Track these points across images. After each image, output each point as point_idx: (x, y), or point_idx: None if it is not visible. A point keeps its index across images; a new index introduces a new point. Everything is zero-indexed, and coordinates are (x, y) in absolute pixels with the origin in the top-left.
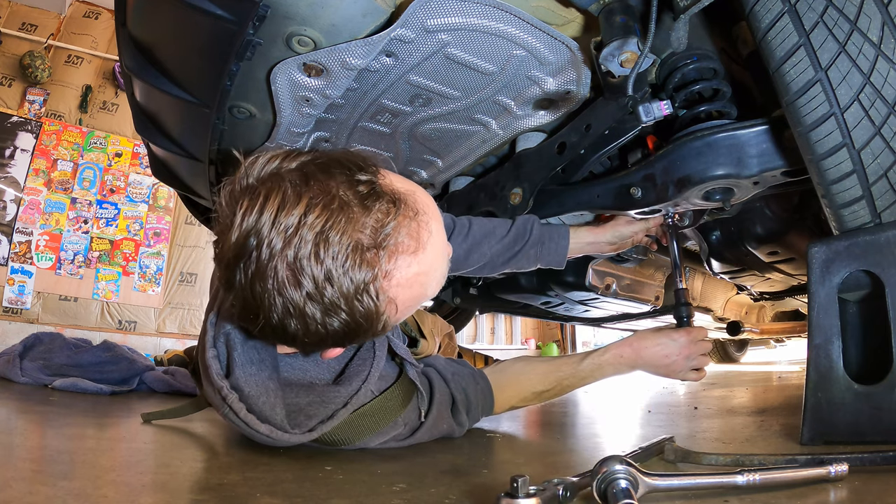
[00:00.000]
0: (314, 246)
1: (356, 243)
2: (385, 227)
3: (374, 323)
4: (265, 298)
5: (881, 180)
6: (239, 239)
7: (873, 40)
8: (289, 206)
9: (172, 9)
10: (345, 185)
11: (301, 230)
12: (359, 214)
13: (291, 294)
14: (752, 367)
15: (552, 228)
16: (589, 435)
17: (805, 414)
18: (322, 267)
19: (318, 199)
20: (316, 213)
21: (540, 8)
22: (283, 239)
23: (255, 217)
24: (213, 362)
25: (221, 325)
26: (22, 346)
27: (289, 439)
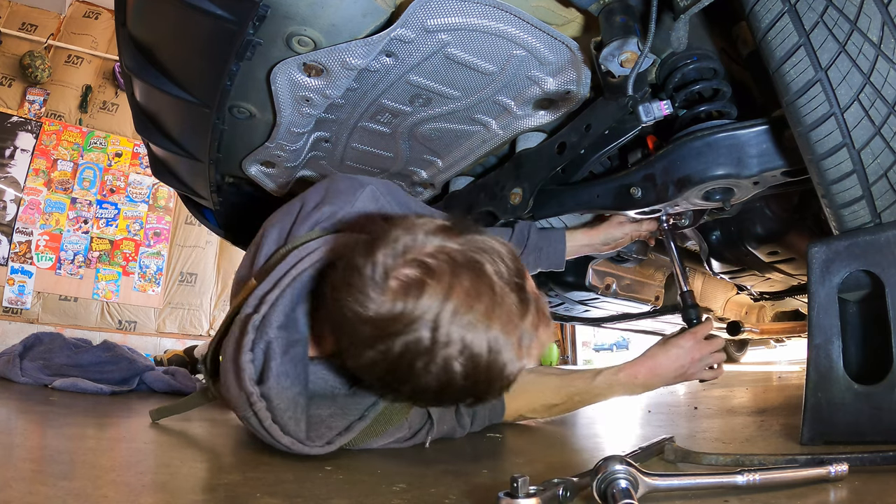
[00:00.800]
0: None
1: (516, 342)
2: (534, 333)
3: (487, 399)
4: (421, 372)
5: (881, 180)
6: (411, 317)
7: (873, 40)
8: (469, 300)
9: (172, 9)
10: (508, 284)
11: (477, 325)
12: (518, 319)
13: (453, 373)
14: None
15: (549, 233)
16: (589, 435)
17: (805, 414)
18: (486, 356)
19: (492, 299)
20: (490, 313)
21: (540, 8)
22: (461, 330)
23: (435, 304)
24: (249, 366)
25: (264, 330)
26: (22, 346)
27: (308, 451)
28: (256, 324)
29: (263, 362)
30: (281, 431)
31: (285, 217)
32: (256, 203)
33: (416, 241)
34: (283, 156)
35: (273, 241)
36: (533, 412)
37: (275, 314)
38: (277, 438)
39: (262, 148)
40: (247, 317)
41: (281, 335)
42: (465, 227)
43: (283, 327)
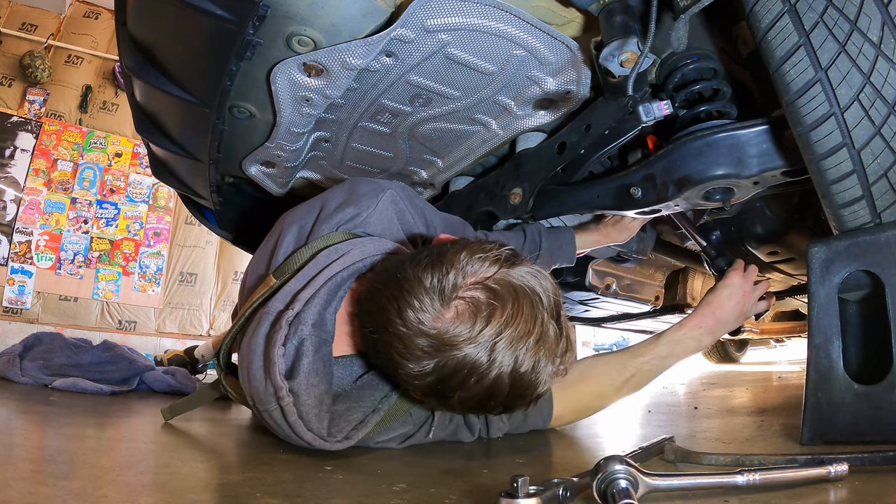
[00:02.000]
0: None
1: (551, 367)
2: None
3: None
4: (474, 387)
5: (881, 180)
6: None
7: (873, 40)
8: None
9: (172, 9)
10: (554, 317)
11: (529, 352)
12: (557, 348)
13: (499, 389)
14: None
15: (558, 234)
16: (589, 435)
17: (805, 414)
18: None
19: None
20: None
21: (540, 8)
22: (514, 354)
23: (496, 329)
24: (280, 361)
25: (297, 327)
26: (22, 346)
27: (329, 447)
28: (290, 319)
29: (295, 358)
30: (305, 427)
31: (306, 216)
32: (256, 203)
33: (483, 267)
34: (283, 156)
35: (293, 238)
36: (600, 398)
37: (309, 312)
38: (300, 434)
39: (262, 148)
40: (279, 313)
41: (314, 333)
42: (517, 259)
43: (317, 326)
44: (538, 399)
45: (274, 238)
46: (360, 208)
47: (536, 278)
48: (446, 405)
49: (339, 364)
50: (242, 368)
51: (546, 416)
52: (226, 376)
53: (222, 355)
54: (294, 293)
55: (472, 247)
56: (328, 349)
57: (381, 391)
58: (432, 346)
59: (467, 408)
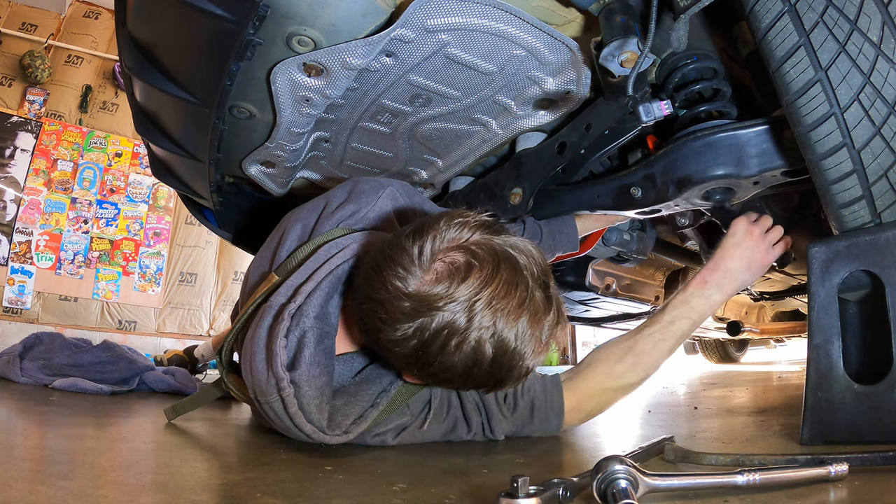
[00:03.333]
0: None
1: (538, 336)
2: (553, 329)
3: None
4: (454, 351)
5: (881, 180)
6: (452, 297)
7: (873, 40)
8: (505, 290)
9: (172, 9)
10: (539, 284)
11: (510, 315)
12: (543, 315)
13: (482, 355)
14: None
15: (559, 221)
16: (589, 435)
17: (805, 414)
18: (513, 344)
19: (524, 293)
20: (522, 305)
21: (540, 8)
22: (494, 315)
23: (476, 288)
24: (282, 352)
25: (300, 319)
26: (22, 346)
27: (328, 440)
28: (293, 312)
29: (297, 350)
30: (304, 419)
31: (310, 214)
32: (256, 203)
33: (463, 232)
34: (283, 156)
35: (296, 236)
36: (612, 378)
37: (311, 305)
38: (300, 426)
39: (262, 148)
40: (282, 306)
41: (316, 325)
42: (502, 228)
43: (319, 318)
44: (527, 373)
45: (277, 236)
46: (360, 205)
47: (520, 245)
48: (431, 376)
49: (340, 361)
50: (245, 361)
51: (558, 410)
52: (228, 374)
53: (224, 353)
54: (296, 287)
55: (452, 214)
56: (330, 342)
57: (379, 386)
58: (413, 309)
59: (452, 379)
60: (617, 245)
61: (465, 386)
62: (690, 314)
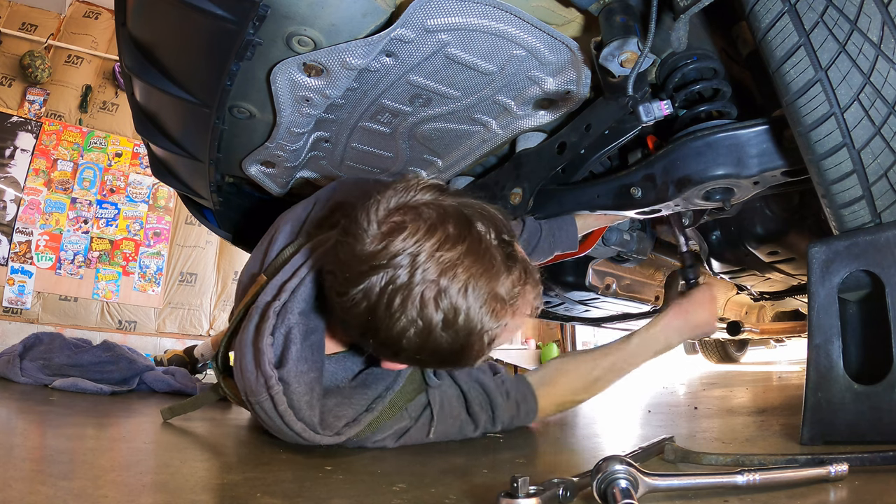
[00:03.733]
0: (464, 284)
1: (495, 294)
2: (516, 288)
3: (470, 358)
4: (399, 311)
5: (881, 180)
6: (393, 251)
7: (873, 40)
8: (451, 243)
9: (172, 9)
10: (494, 241)
11: (457, 268)
12: (502, 271)
13: (429, 314)
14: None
15: (559, 218)
16: (589, 435)
17: (805, 414)
18: (465, 301)
19: (475, 246)
20: (472, 258)
21: (540, 8)
22: (439, 270)
23: (416, 241)
24: (269, 350)
25: (285, 316)
26: (22, 346)
27: (319, 440)
28: (277, 309)
29: (283, 347)
30: (294, 417)
31: (300, 214)
32: (256, 203)
33: (409, 195)
34: (283, 156)
35: (285, 237)
36: (573, 393)
37: (295, 301)
38: (290, 424)
39: (262, 148)
40: (267, 304)
41: (301, 321)
42: (460, 192)
43: (304, 314)
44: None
45: (269, 238)
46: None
47: (473, 203)
48: (390, 347)
49: (332, 360)
50: (236, 362)
51: (533, 408)
52: (224, 379)
53: (220, 357)
54: (280, 284)
55: (399, 180)
56: (318, 337)
57: (375, 391)
58: (359, 271)
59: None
60: (617, 245)
61: (429, 360)
62: (649, 353)
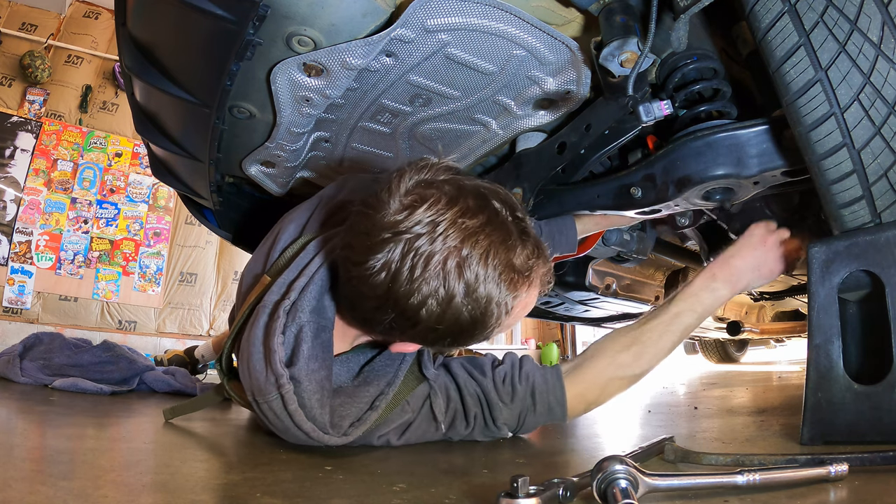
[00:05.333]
0: (485, 251)
1: (512, 264)
2: (530, 261)
3: (487, 330)
4: (420, 278)
5: (881, 180)
6: (417, 220)
7: (873, 40)
8: (471, 213)
9: (172, 9)
10: (510, 216)
11: (478, 235)
12: (517, 243)
13: (452, 282)
14: (752, 367)
15: (559, 221)
16: (589, 435)
17: (805, 414)
18: (485, 270)
19: (493, 218)
20: (491, 228)
21: (540, 8)
22: (462, 237)
23: (438, 210)
24: (280, 349)
25: (295, 315)
26: (22, 346)
27: (328, 441)
28: (287, 308)
29: (294, 345)
30: (305, 416)
31: (302, 214)
32: (256, 203)
33: (429, 172)
34: (283, 156)
35: (289, 236)
36: (620, 367)
37: (306, 299)
38: (300, 424)
39: (262, 148)
40: (276, 303)
41: (312, 319)
42: (475, 175)
43: (315, 312)
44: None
45: (271, 238)
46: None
47: (488, 185)
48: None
49: (337, 362)
50: (243, 363)
51: (560, 400)
52: (229, 381)
53: (224, 359)
54: (288, 283)
55: (418, 160)
56: (327, 335)
57: (377, 388)
58: (381, 239)
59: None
60: (617, 245)
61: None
62: (696, 307)
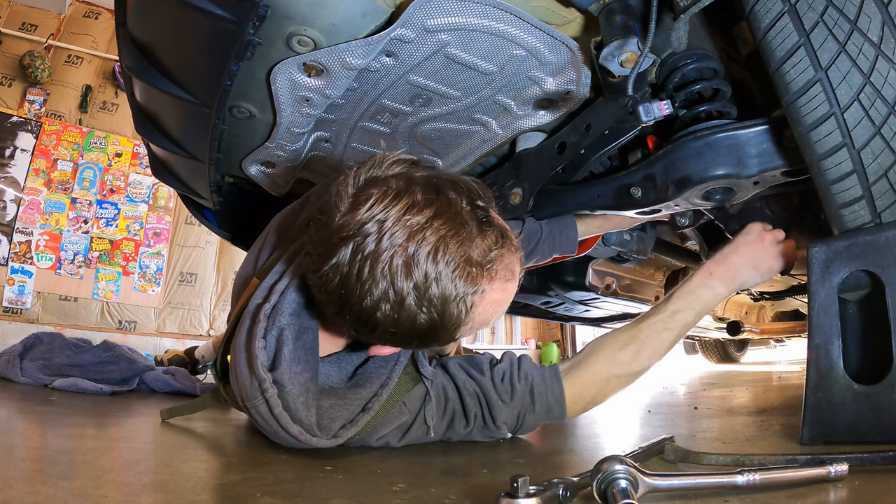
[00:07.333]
0: (433, 248)
1: (468, 257)
2: (492, 252)
3: (451, 331)
4: (369, 280)
5: (881, 180)
6: (361, 220)
7: (873, 40)
8: (418, 207)
9: (172, 9)
10: (467, 206)
11: (425, 231)
12: (475, 234)
13: (400, 282)
14: (752, 367)
15: (559, 220)
16: (589, 435)
17: (805, 414)
18: (435, 267)
19: (444, 209)
20: (441, 221)
21: (540, 8)
22: (407, 234)
23: (383, 207)
24: (262, 353)
25: (276, 318)
26: (22, 346)
27: (316, 443)
28: (268, 312)
29: (276, 349)
30: (290, 419)
31: (290, 215)
32: (256, 203)
33: (380, 168)
34: (283, 156)
35: (277, 238)
36: (617, 365)
37: (286, 302)
38: (286, 427)
39: (262, 148)
40: (257, 307)
41: (293, 322)
42: (426, 163)
43: (295, 314)
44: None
45: (261, 240)
46: None
47: (444, 174)
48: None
49: (326, 362)
50: (232, 368)
51: (559, 399)
52: (224, 385)
53: (219, 364)
54: (270, 286)
55: (372, 157)
56: (310, 337)
57: (370, 390)
58: (330, 245)
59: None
60: (617, 245)
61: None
62: (695, 305)
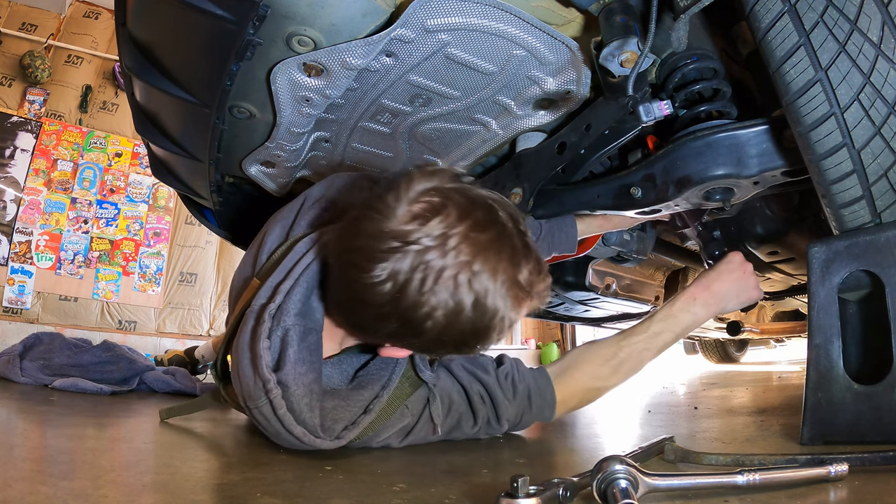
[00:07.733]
0: (493, 267)
1: (516, 281)
2: (534, 277)
3: (487, 342)
4: (429, 291)
5: (881, 180)
6: (426, 232)
7: (873, 40)
8: (481, 227)
9: (172, 9)
10: (515, 231)
11: (488, 252)
12: (521, 258)
13: (461, 296)
14: (752, 367)
15: (559, 220)
16: (589, 435)
17: (805, 414)
18: (493, 286)
19: (501, 231)
20: (500, 244)
21: (540, 8)
22: (472, 252)
23: (450, 223)
24: (266, 354)
25: (281, 318)
26: (22, 346)
27: (319, 445)
28: (273, 312)
29: (280, 349)
30: (294, 421)
31: (288, 215)
32: (256, 203)
33: (436, 179)
34: (283, 156)
35: (276, 238)
36: (597, 379)
37: (291, 302)
38: (290, 428)
39: (262, 148)
40: (262, 307)
41: (298, 322)
42: (471, 181)
43: (301, 315)
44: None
45: (259, 239)
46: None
47: (493, 195)
48: (412, 329)
49: (329, 364)
50: (234, 368)
51: (550, 402)
52: (224, 386)
53: (219, 365)
54: (274, 286)
55: (424, 166)
56: (315, 338)
57: (371, 392)
58: (388, 248)
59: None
60: (617, 245)
61: (449, 343)
62: (675, 328)
